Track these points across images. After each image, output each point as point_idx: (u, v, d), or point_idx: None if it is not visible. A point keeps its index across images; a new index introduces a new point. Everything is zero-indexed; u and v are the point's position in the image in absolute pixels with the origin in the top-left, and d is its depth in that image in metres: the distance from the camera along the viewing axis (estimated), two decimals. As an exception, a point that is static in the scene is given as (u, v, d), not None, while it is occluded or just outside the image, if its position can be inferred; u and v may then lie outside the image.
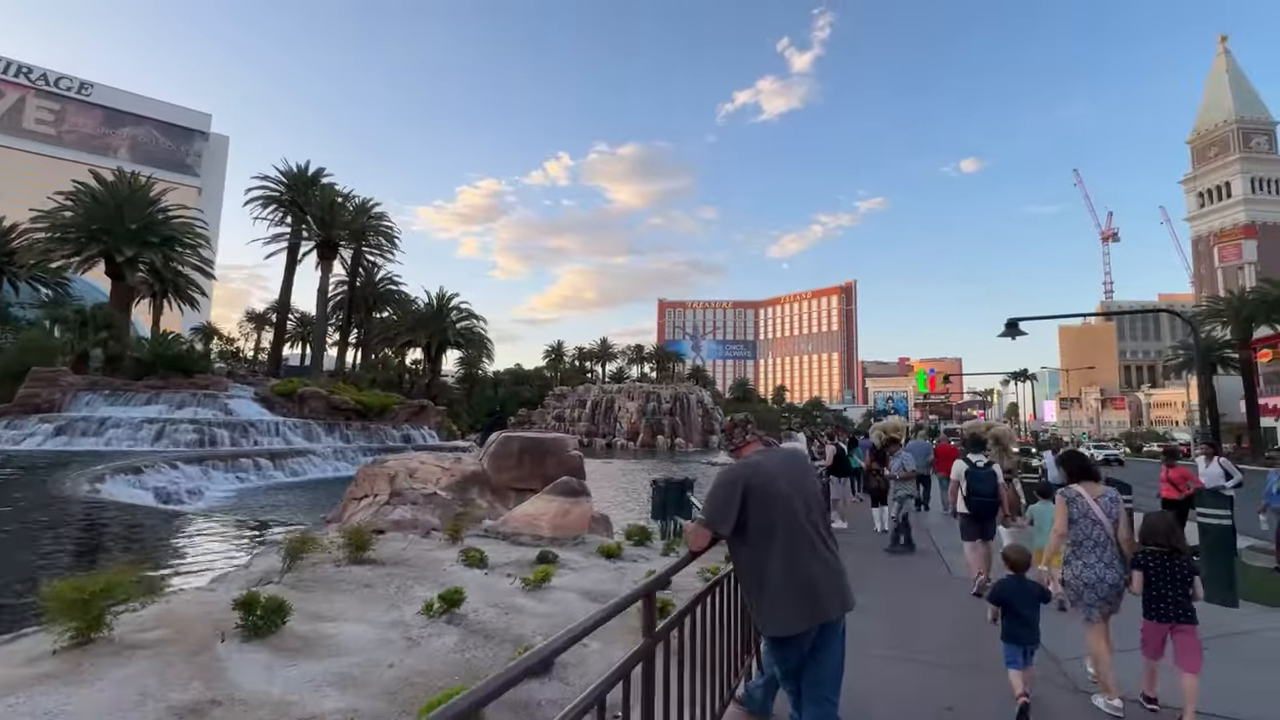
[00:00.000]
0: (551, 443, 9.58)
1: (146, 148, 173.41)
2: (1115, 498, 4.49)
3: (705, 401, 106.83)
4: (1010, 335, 15.17)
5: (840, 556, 3.12)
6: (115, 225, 32.76)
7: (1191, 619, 3.95)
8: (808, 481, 3.14)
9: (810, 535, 2.97)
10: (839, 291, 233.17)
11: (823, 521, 3.08)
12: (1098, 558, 4.27)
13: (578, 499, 8.13)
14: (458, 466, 9.30)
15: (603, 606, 2.24)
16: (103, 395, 28.63)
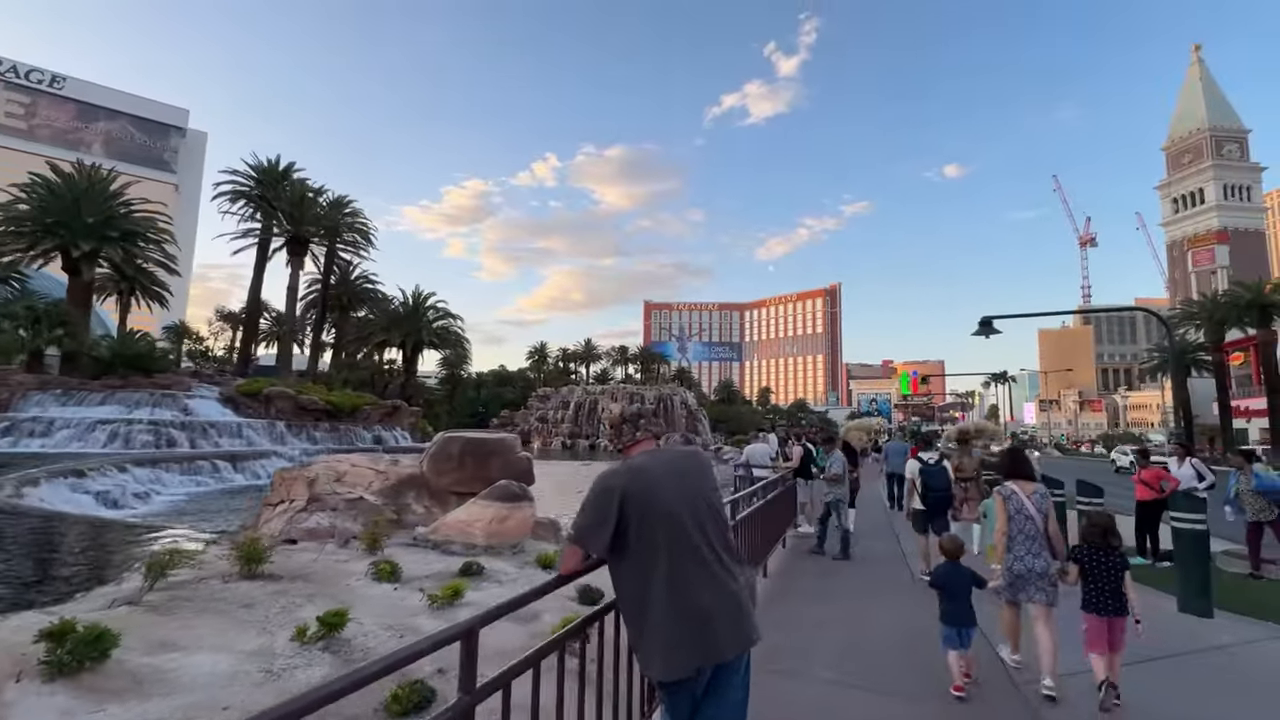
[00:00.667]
0: (496, 444, 8.95)
1: (121, 143, 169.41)
2: (1045, 494, 4.86)
3: (689, 403, 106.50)
4: (984, 334, 14.84)
5: (746, 579, 2.58)
6: (72, 219, 31.53)
7: (1125, 612, 4.27)
8: (703, 489, 2.59)
9: (703, 555, 2.42)
10: (824, 294, 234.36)
11: (721, 538, 2.54)
12: (1027, 549, 4.64)
13: (517, 504, 7.52)
14: (394, 469, 8.64)
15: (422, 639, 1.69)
16: (54, 395, 27.45)
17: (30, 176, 32.92)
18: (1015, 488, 4.81)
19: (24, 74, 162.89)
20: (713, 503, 2.59)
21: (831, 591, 7.32)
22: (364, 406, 37.31)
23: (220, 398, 33.29)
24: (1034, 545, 4.63)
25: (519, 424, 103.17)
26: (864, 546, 10.30)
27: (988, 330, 14.72)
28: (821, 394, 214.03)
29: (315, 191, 40.71)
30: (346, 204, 46.60)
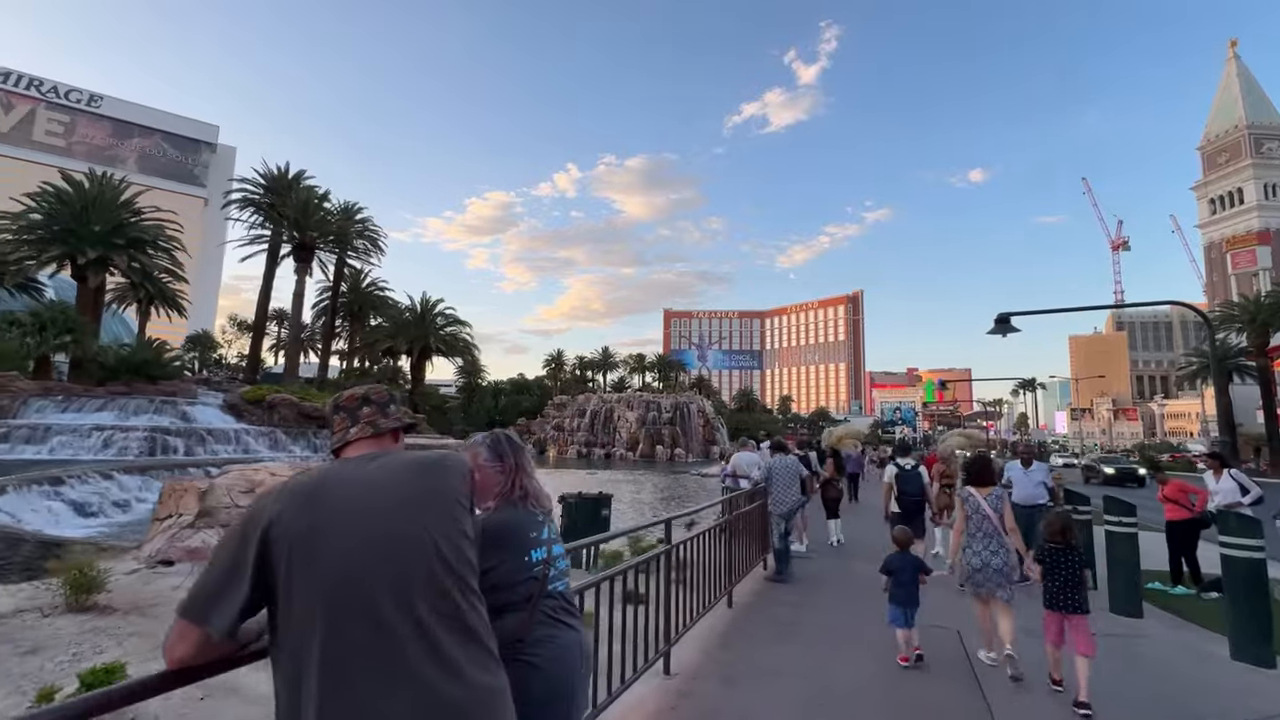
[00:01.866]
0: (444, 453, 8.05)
1: (155, 159, 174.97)
2: (1001, 495, 5.31)
3: (707, 411, 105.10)
4: (1001, 332, 13.54)
5: (493, 669, 1.56)
6: (80, 226, 31.74)
7: (1083, 610, 4.45)
8: (432, 526, 1.57)
9: (396, 639, 1.41)
10: (846, 301, 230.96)
11: (450, 610, 1.51)
12: (984, 546, 5.10)
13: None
14: (320, 479, 7.81)
15: None
16: (55, 401, 27.39)
17: (40, 186, 33.28)
18: (973, 490, 5.32)
19: (64, 94, 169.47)
20: (447, 552, 1.57)
21: (800, 626, 6.20)
22: (369, 414, 36.80)
23: (224, 404, 33.11)
24: (992, 543, 5.09)
25: (535, 432, 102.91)
26: (853, 566, 9.13)
27: (1004, 328, 13.42)
28: (844, 402, 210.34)
29: (321, 197, 40.65)
30: (356, 211, 46.59)
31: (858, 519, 14.45)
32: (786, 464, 7.69)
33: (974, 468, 5.57)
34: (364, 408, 1.84)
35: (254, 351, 43.20)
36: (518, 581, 2.04)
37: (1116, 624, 6.55)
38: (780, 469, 7.73)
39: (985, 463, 5.61)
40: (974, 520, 5.18)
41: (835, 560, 9.80)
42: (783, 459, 7.85)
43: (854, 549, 10.90)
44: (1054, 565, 4.56)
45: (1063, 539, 4.60)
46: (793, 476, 7.81)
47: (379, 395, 1.91)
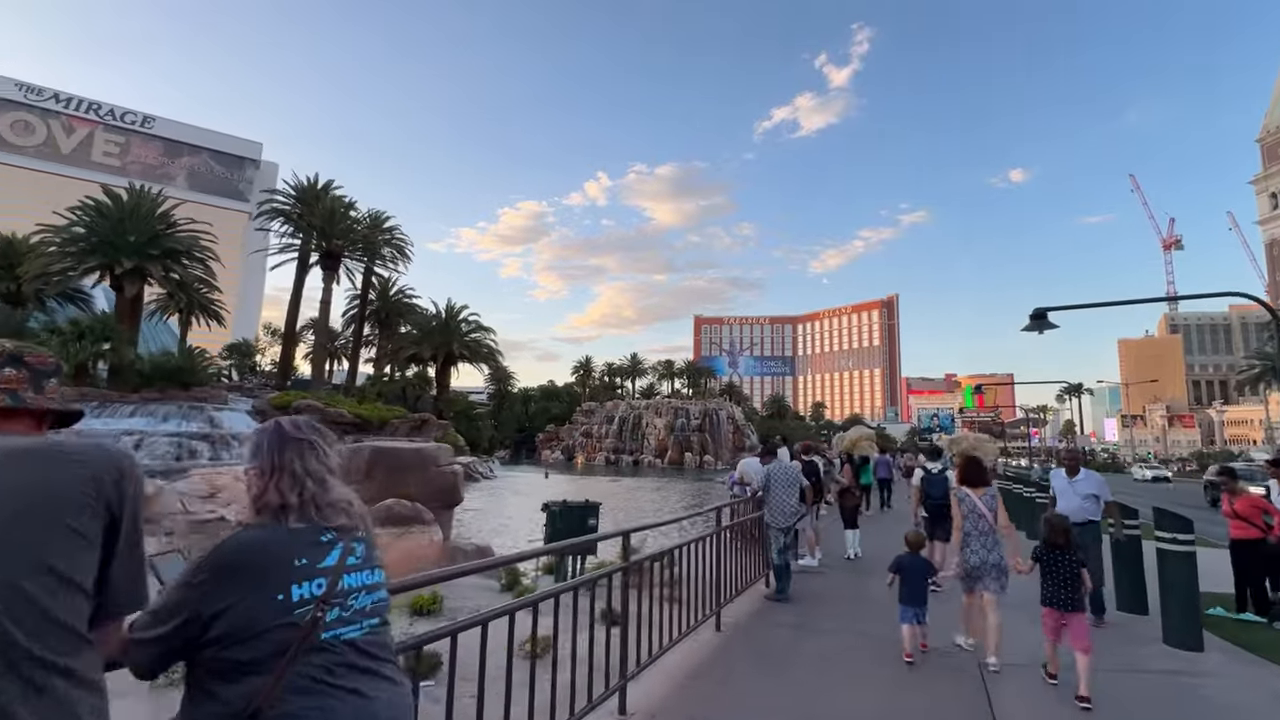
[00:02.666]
0: (413, 455, 7.53)
1: (203, 176, 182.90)
2: (994, 494, 5.56)
3: (736, 417, 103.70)
4: (1037, 329, 12.45)
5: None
6: (117, 237, 32.78)
7: (1080, 608, 4.63)
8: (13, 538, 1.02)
9: None
10: (880, 306, 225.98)
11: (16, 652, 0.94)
12: (981, 544, 5.29)
13: (407, 529, 6.05)
14: (288, 483, 7.41)
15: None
16: (89, 407, 28.12)
17: (80, 200, 34.53)
18: (968, 491, 5.52)
19: (120, 116, 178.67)
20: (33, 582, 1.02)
21: (795, 655, 5.44)
22: (392, 420, 37.07)
23: (252, 410, 33.65)
24: (987, 540, 5.31)
25: (564, 439, 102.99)
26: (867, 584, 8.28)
27: (1041, 324, 12.33)
28: (879, 408, 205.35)
29: (347, 206, 41.31)
30: (384, 220, 47.23)
31: (887, 528, 13.50)
32: (785, 470, 6.95)
33: (967, 469, 5.78)
34: (6, 368, 1.28)
35: (284, 359, 44.03)
36: (262, 630, 1.41)
37: (1174, 658, 5.65)
38: (779, 476, 6.97)
39: (978, 464, 5.88)
40: (970, 519, 5.42)
41: (848, 576, 8.95)
42: (781, 464, 7.10)
43: (873, 563, 10.00)
44: (1052, 565, 4.73)
45: (1064, 539, 4.76)
46: (792, 484, 7.03)
47: (39, 360, 1.34)
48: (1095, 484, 7.12)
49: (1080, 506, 6.87)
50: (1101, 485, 7.04)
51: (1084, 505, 6.89)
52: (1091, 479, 7.20)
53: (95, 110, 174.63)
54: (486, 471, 38.73)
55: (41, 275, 32.51)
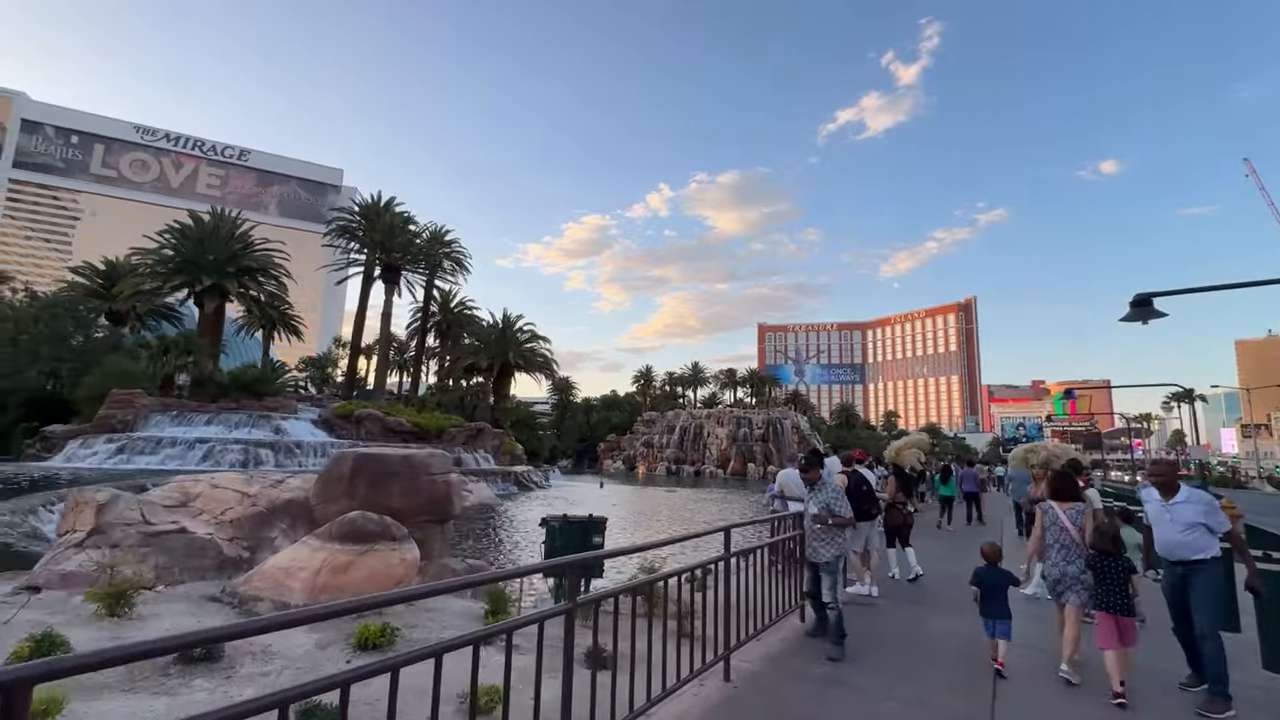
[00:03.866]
0: (399, 462, 6.85)
1: (291, 202, 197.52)
2: (1081, 510, 5.62)
3: (801, 427, 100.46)
4: (1140, 318, 10.56)
5: None
6: (198, 257, 34.96)
7: (1130, 613, 4.88)
8: None
9: None
10: (957, 309, 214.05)
11: None
12: (1061, 556, 5.49)
13: (372, 547, 5.33)
14: (270, 492, 6.85)
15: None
16: (170, 416, 29.92)
17: (168, 224, 37.12)
18: (1054, 504, 5.68)
19: (220, 151, 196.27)
20: None
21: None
22: (449, 428, 37.55)
23: (319, 419, 34.90)
24: (1069, 553, 5.44)
25: (625, 449, 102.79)
26: (926, 622, 6.91)
27: (1145, 313, 10.44)
28: (958, 418, 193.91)
29: (406, 220, 42.56)
30: (444, 234, 48.48)
31: (963, 543, 11.87)
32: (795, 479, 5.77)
33: (1059, 482, 5.84)
34: None
35: (350, 369, 45.74)
36: None
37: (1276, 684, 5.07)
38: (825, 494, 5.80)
39: (1068, 478, 5.89)
40: (1052, 532, 5.51)
41: (906, 610, 7.56)
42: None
43: (939, 591, 8.57)
44: (1104, 572, 4.97)
45: (1112, 546, 5.02)
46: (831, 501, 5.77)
47: None
48: (1201, 509, 5.02)
49: (1181, 541, 4.97)
50: (1211, 510, 5.01)
51: (1187, 538, 4.94)
52: (1196, 502, 5.08)
53: (199, 147, 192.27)
54: (541, 480, 38.50)
55: (134, 294, 35.06)
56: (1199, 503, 4.97)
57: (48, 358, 34.40)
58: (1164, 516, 5.10)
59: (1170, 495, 5.11)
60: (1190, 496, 5.06)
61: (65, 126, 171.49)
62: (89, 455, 25.74)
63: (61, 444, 27.38)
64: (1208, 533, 4.88)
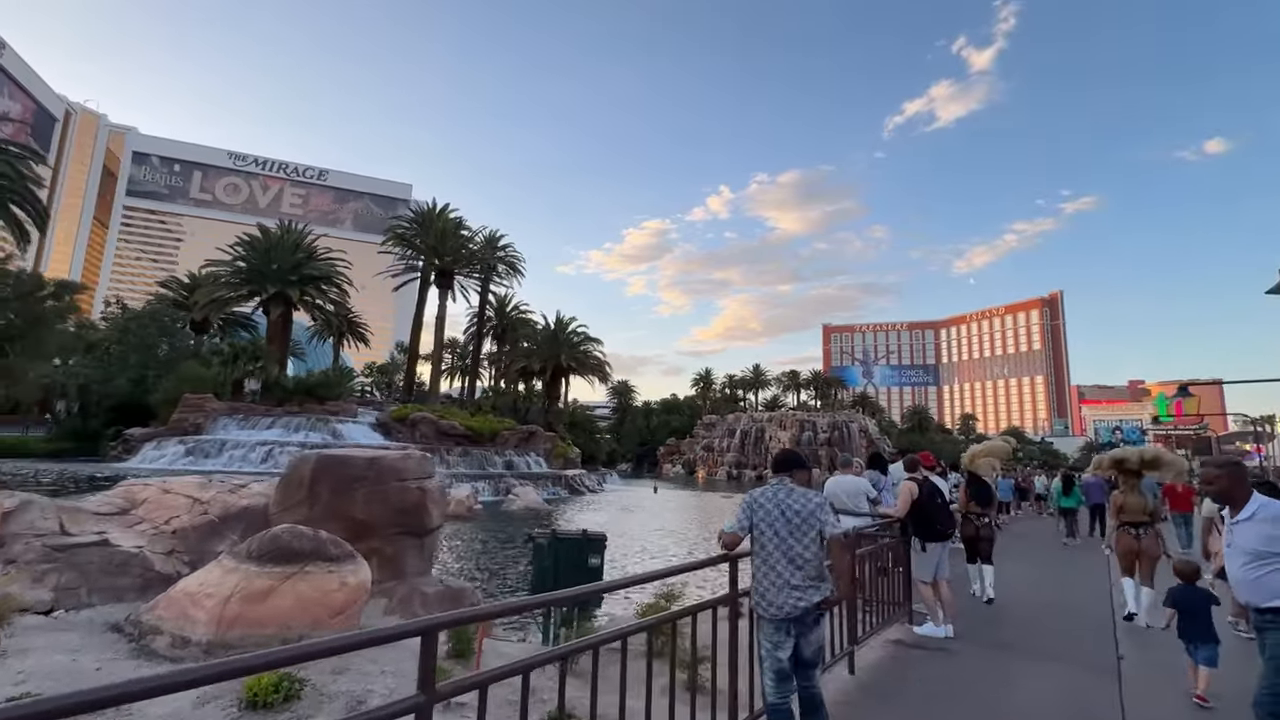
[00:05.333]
0: (366, 465, 5.92)
1: (364, 217, 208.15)
2: None
3: (869, 430, 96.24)
4: (1294, 289, 8.39)
5: None
6: (264, 267, 36.42)
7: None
8: None
9: None
10: (1041, 305, 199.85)
11: None
12: None
13: (302, 568, 4.36)
14: (227, 498, 6.06)
15: None
16: (236, 420, 31.06)
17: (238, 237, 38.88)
18: None
19: (302, 172, 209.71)
20: None
21: None
22: (502, 431, 37.42)
23: (375, 422, 35.53)
24: None
25: (684, 452, 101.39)
26: (1022, 683, 5.32)
27: (1302, 282, 8.27)
28: (1044, 421, 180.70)
29: (458, 225, 43.00)
30: (499, 239, 48.82)
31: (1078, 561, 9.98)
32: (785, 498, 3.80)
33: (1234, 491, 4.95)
34: None
35: (408, 374, 46.68)
36: None
37: None
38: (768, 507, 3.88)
39: (1275, 489, 4.81)
40: None
41: (986, 657, 5.94)
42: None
43: (1031, 627, 6.88)
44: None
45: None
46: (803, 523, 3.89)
47: None
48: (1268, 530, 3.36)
49: (1242, 578, 3.43)
50: None
51: (1251, 574, 3.38)
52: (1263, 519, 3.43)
53: (284, 169, 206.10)
54: (593, 485, 37.78)
55: (208, 304, 36.91)
56: (1267, 520, 3.37)
57: (136, 365, 36.76)
58: (1229, 540, 3.61)
59: (1236, 510, 3.58)
60: (1259, 511, 3.45)
61: (169, 156, 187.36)
62: (160, 457, 26.91)
63: (139, 446, 28.82)
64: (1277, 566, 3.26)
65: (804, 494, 3.57)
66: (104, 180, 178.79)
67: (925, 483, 6.93)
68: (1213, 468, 3.79)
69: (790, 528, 3.45)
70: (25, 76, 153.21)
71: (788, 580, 3.37)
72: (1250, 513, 3.48)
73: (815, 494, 3.60)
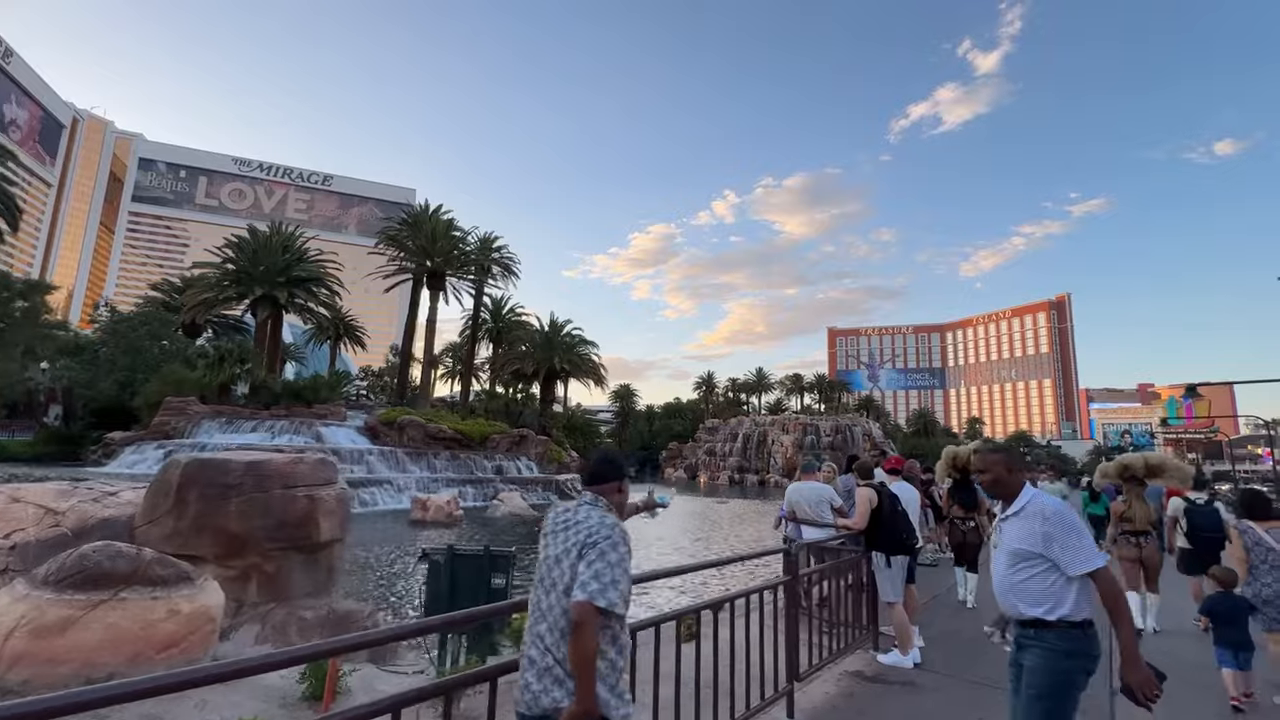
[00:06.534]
0: (244, 470, 5.20)
1: (368, 222, 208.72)
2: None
3: (873, 434, 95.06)
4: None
5: None
6: (252, 269, 35.91)
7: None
8: None
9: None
10: (1048, 308, 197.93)
11: None
12: (1274, 578, 5.10)
13: (117, 594, 3.62)
14: (89, 507, 5.32)
15: None
16: (219, 423, 30.47)
17: (226, 239, 38.42)
18: (1252, 524, 5.32)
19: (307, 177, 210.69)
20: None
21: None
22: (493, 435, 36.71)
23: (363, 426, 34.85)
24: (1277, 574, 5.06)
25: (687, 457, 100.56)
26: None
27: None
28: (1052, 424, 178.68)
29: (449, 225, 42.41)
30: (493, 240, 48.20)
31: None
32: None
33: (1253, 502, 5.62)
34: None
35: (401, 377, 46.06)
36: None
37: None
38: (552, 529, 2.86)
39: (1256, 496, 5.72)
40: (1256, 552, 5.21)
41: (956, 692, 5.12)
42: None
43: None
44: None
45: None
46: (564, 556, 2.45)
47: None
48: (1033, 529, 2.88)
49: (1006, 582, 2.95)
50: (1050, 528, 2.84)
51: (1011, 577, 2.91)
52: (1035, 512, 2.93)
53: (288, 174, 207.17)
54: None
55: (195, 306, 36.44)
56: (1035, 515, 2.88)
57: (124, 368, 36.32)
58: (995, 539, 3.11)
59: (1008, 505, 3.05)
60: (1029, 505, 2.92)
61: (174, 162, 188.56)
62: (139, 461, 26.36)
63: (119, 450, 28.28)
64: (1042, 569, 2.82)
65: (582, 524, 2.24)
66: (110, 186, 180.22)
67: (881, 489, 6.17)
68: (986, 454, 3.15)
69: (545, 569, 2.26)
70: (32, 83, 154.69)
71: (528, 654, 2.22)
72: (1019, 507, 2.96)
73: (602, 524, 2.22)
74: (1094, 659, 2.66)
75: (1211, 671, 5.19)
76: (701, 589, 12.34)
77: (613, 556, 2.11)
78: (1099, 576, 2.65)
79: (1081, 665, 2.66)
